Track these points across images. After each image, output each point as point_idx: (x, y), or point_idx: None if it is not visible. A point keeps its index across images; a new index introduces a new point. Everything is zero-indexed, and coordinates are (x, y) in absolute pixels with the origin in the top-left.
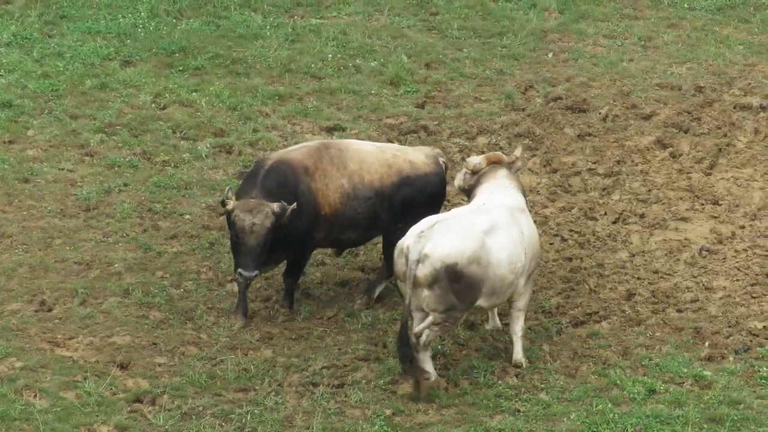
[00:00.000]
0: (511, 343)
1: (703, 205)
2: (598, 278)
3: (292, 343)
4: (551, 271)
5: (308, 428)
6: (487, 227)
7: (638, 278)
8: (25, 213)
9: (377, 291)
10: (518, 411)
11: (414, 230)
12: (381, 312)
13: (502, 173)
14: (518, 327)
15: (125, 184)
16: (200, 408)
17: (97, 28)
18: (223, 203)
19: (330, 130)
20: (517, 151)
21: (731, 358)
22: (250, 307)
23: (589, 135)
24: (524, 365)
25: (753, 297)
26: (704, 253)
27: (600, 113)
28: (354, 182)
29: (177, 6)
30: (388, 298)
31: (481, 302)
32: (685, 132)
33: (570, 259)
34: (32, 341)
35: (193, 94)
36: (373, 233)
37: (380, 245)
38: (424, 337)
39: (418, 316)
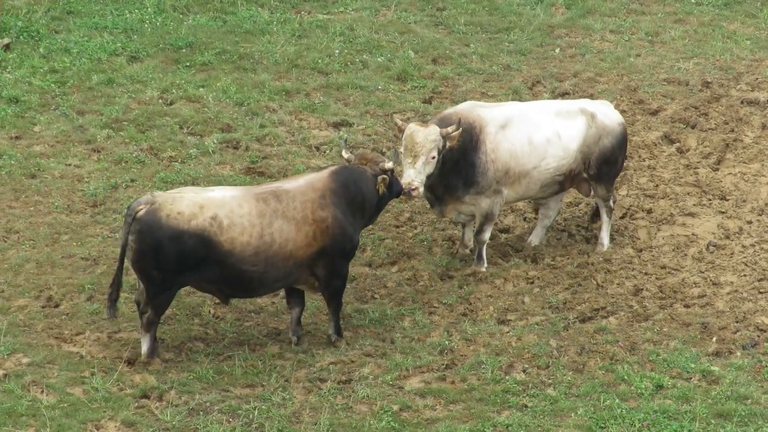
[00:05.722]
0: None
1: (710, 200)
2: (605, 273)
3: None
4: (558, 267)
5: (315, 424)
6: None
7: (645, 273)
8: (32, 209)
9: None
10: (526, 406)
11: None
12: (388, 308)
13: None
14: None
15: (132, 180)
16: (207, 404)
17: (103, 23)
18: None
19: (337, 126)
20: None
21: (739, 354)
22: (257, 303)
23: None
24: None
25: (760, 292)
26: (711, 248)
27: None
28: None
29: (184, 2)
30: (396, 293)
31: None
32: (693, 127)
33: (577, 255)
34: (39, 337)
35: (200, 89)
36: None
37: (386, 240)
38: None
39: None
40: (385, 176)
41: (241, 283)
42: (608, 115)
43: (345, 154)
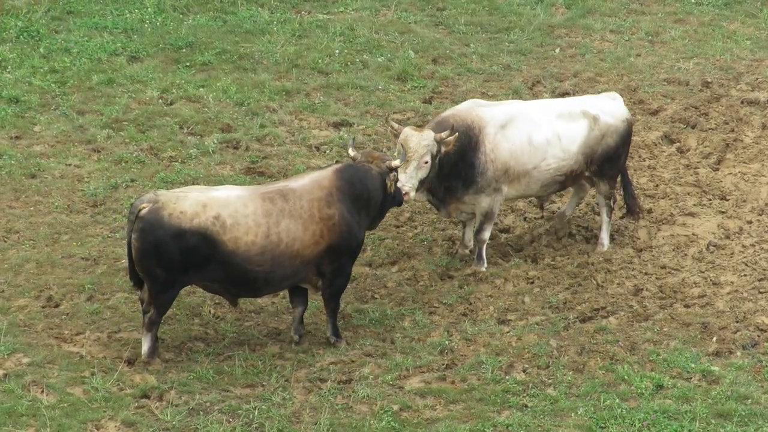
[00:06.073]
0: None
1: (710, 200)
2: (605, 273)
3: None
4: (558, 267)
5: (315, 424)
6: None
7: (646, 273)
8: (32, 209)
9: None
10: (526, 406)
11: None
12: (388, 308)
13: None
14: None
15: (132, 180)
16: (208, 403)
17: (103, 23)
18: None
19: (337, 126)
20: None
21: (739, 353)
22: (257, 303)
23: None
24: None
25: (760, 292)
26: (712, 248)
27: None
28: None
29: (184, 1)
30: (396, 293)
31: None
32: (693, 127)
33: (577, 255)
34: (39, 337)
35: (200, 89)
36: None
37: (386, 240)
38: None
39: None
40: (395, 173)
41: (247, 283)
42: (613, 113)
43: (351, 152)
